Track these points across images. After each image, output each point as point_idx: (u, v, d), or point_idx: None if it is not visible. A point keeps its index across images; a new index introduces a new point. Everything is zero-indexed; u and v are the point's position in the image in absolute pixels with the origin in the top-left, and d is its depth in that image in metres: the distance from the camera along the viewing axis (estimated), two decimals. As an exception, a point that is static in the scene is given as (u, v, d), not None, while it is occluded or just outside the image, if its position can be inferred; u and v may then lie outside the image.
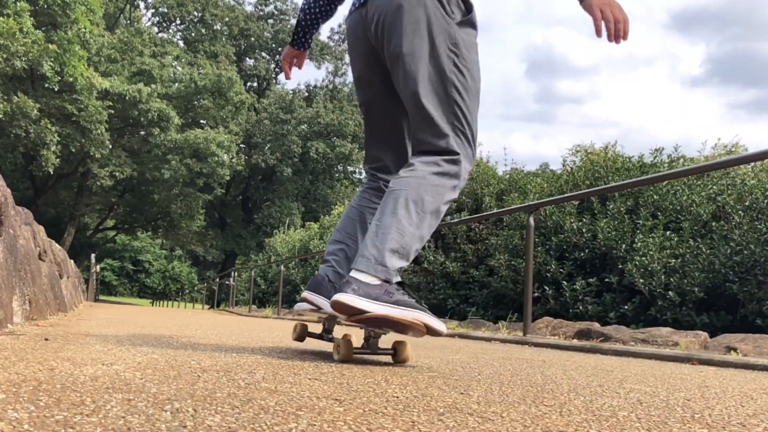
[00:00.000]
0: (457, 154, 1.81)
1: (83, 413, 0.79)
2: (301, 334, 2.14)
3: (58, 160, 19.91)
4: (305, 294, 2.01)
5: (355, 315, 1.67)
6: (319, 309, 1.98)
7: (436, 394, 1.19)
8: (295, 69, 2.34)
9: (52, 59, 17.14)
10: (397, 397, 1.11)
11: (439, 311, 8.46)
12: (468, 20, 1.84)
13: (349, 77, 38.73)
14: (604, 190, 6.04)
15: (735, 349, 3.51)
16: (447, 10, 1.80)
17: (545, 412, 1.04)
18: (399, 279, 1.75)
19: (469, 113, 1.83)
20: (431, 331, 1.72)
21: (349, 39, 2.04)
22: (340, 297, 1.66)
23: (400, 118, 2.03)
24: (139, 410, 0.83)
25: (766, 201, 5.73)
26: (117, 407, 0.84)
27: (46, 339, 2.11)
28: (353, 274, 1.70)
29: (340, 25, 36.78)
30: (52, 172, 20.48)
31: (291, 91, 34.31)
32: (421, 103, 1.79)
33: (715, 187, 6.67)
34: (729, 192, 6.36)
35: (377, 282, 1.68)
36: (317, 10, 2.16)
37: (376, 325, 1.73)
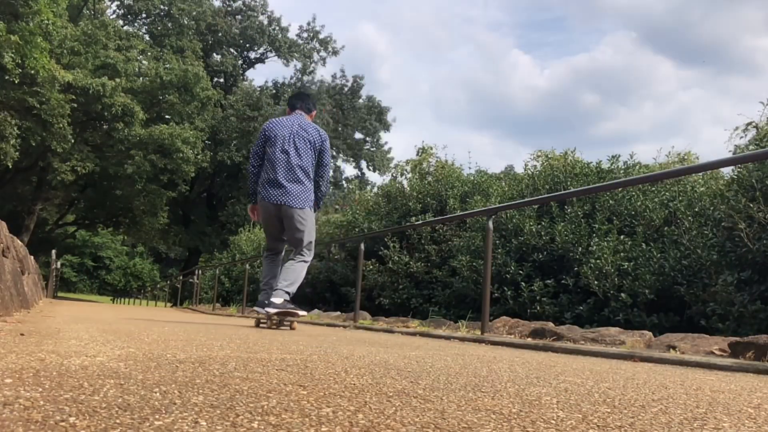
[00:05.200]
0: (310, 254, 4.92)
1: (86, 393, 0.92)
2: (257, 322, 5.08)
3: (17, 153, 19.49)
4: (256, 308, 4.99)
5: (275, 312, 4.60)
6: (259, 313, 4.92)
7: (388, 382, 1.35)
8: (264, 68, 4.32)
9: (13, 51, 16.79)
10: (354, 384, 1.26)
11: (402, 310, 8.64)
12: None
13: (317, 76, 38.69)
14: (562, 195, 6.30)
15: (674, 348, 3.75)
16: (315, 211, 4.93)
17: (479, 396, 1.21)
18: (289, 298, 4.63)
19: (314, 241, 4.93)
20: (297, 314, 4.69)
21: (265, 209, 4.79)
22: (268, 309, 4.61)
23: (280, 234, 4.95)
24: (132, 392, 0.97)
25: (713, 208, 6.01)
26: (113, 390, 0.98)
27: (22, 334, 2.21)
28: (272, 298, 4.58)
29: (309, 23, 36.74)
30: (10, 166, 20.04)
31: (258, 88, 34.14)
32: (303, 238, 4.77)
33: (667, 193, 6.96)
34: (680, 198, 6.65)
35: (281, 300, 4.56)
36: (256, 172, 4.96)
37: (282, 315, 4.64)
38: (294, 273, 4.64)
